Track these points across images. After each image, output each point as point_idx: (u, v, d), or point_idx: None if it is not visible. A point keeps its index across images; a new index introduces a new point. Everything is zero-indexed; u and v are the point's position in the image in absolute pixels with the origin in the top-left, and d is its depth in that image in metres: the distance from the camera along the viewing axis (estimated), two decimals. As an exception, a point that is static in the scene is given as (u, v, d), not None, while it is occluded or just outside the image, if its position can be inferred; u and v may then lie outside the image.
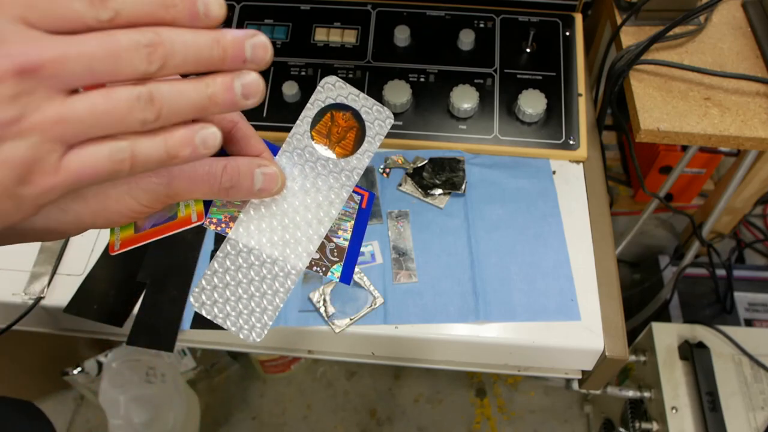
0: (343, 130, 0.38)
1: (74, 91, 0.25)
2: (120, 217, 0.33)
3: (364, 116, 0.38)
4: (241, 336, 0.37)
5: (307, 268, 0.38)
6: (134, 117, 0.25)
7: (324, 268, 0.38)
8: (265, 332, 0.37)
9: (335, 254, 0.39)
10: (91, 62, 0.24)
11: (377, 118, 0.38)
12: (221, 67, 0.27)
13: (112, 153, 0.26)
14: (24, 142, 0.24)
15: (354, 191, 0.39)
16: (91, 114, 0.25)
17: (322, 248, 0.38)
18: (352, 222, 0.40)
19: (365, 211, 0.40)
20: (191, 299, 0.37)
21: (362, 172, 0.39)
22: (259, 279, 0.37)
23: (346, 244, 0.39)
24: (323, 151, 0.38)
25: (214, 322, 0.37)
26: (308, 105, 0.38)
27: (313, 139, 0.38)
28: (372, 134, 0.38)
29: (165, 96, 0.26)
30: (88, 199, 0.31)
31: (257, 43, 0.28)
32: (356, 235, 0.40)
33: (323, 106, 0.38)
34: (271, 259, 0.37)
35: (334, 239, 0.39)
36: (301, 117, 0.38)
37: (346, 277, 0.39)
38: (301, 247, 0.38)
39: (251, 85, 0.28)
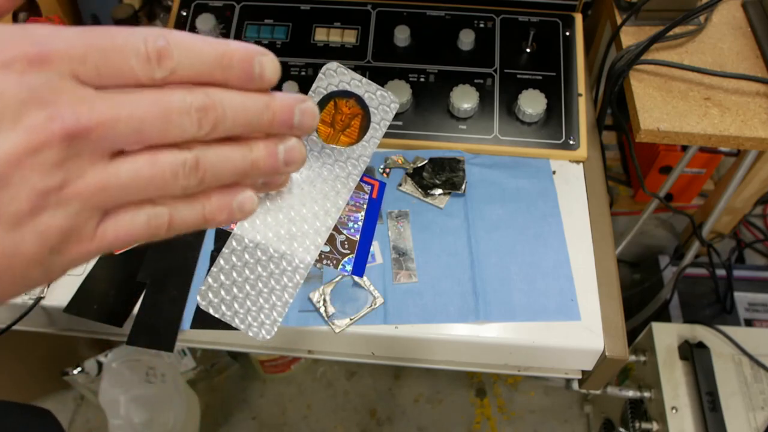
0: (348, 118, 0.37)
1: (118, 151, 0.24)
2: None
3: (367, 102, 0.37)
4: (251, 334, 0.36)
5: (317, 261, 0.37)
6: (177, 183, 0.24)
7: (335, 261, 0.37)
8: (275, 329, 0.36)
9: (346, 246, 0.38)
10: (141, 124, 0.23)
11: (381, 104, 0.37)
12: (268, 131, 0.27)
13: (150, 219, 0.25)
14: (64, 211, 0.23)
15: (364, 181, 0.38)
16: (135, 181, 0.24)
17: (332, 240, 0.37)
18: (363, 213, 0.39)
19: (376, 202, 0.39)
20: (198, 298, 0.36)
21: (369, 160, 0.38)
22: (266, 275, 0.36)
23: (358, 235, 0.38)
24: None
25: (223, 320, 0.36)
26: (310, 93, 0.37)
27: (316, 128, 0.37)
28: (377, 120, 0.37)
29: (210, 162, 0.25)
30: None
31: (306, 110, 0.27)
32: (367, 227, 0.38)
33: (325, 93, 0.37)
34: (278, 254, 0.36)
35: (345, 231, 0.38)
36: None
37: (359, 269, 0.38)
38: (308, 240, 0.37)
39: (294, 151, 0.27)
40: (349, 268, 0.38)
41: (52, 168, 0.22)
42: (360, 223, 0.39)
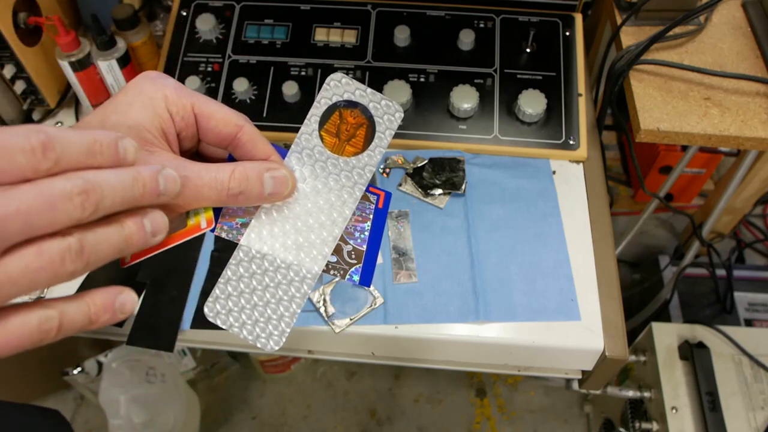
0: (353, 128, 0.37)
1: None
2: None
3: (372, 111, 0.37)
4: (259, 345, 0.35)
5: (324, 271, 0.37)
6: (65, 270, 0.25)
7: (342, 272, 0.37)
8: (284, 340, 0.35)
9: (353, 257, 0.38)
10: (29, 218, 0.23)
11: (386, 113, 0.38)
12: (140, 203, 0.28)
13: (42, 323, 0.25)
14: None
15: (369, 191, 0.38)
16: (25, 275, 0.23)
17: (338, 251, 0.37)
18: (369, 223, 0.39)
19: (382, 211, 0.39)
20: (205, 309, 0.35)
21: (374, 169, 0.38)
22: (274, 285, 0.36)
23: (365, 246, 0.38)
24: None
25: (230, 331, 0.35)
26: (315, 103, 0.38)
27: (322, 139, 0.37)
28: (382, 129, 0.38)
29: (91, 243, 0.25)
30: None
31: (167, 176, 0.28)
32: (374, 236, 0.38)
33: (330, 103, 0.37)
34: (285, 264, 0.36)
35: (351, 242, 0.38)
36: (308, 116, 0.37)
37: (366, 279, 0.38)
38: (315, 250, 0.36)
39: (157, 223, 0.29)
40: (356, 278, 0.38)
41: None
42: (366, 233, 0.39)
